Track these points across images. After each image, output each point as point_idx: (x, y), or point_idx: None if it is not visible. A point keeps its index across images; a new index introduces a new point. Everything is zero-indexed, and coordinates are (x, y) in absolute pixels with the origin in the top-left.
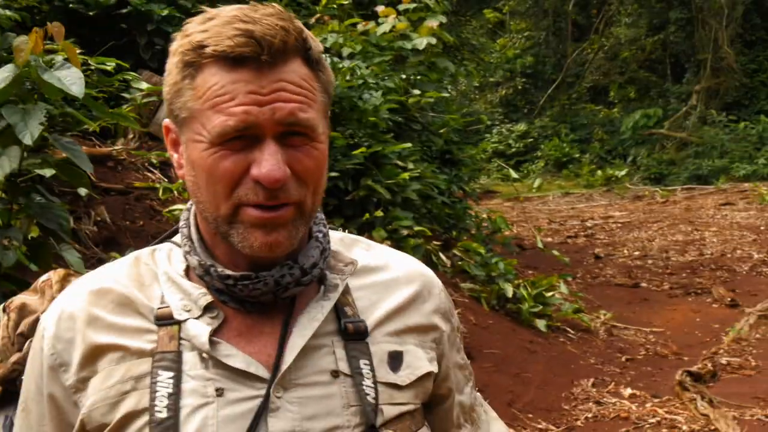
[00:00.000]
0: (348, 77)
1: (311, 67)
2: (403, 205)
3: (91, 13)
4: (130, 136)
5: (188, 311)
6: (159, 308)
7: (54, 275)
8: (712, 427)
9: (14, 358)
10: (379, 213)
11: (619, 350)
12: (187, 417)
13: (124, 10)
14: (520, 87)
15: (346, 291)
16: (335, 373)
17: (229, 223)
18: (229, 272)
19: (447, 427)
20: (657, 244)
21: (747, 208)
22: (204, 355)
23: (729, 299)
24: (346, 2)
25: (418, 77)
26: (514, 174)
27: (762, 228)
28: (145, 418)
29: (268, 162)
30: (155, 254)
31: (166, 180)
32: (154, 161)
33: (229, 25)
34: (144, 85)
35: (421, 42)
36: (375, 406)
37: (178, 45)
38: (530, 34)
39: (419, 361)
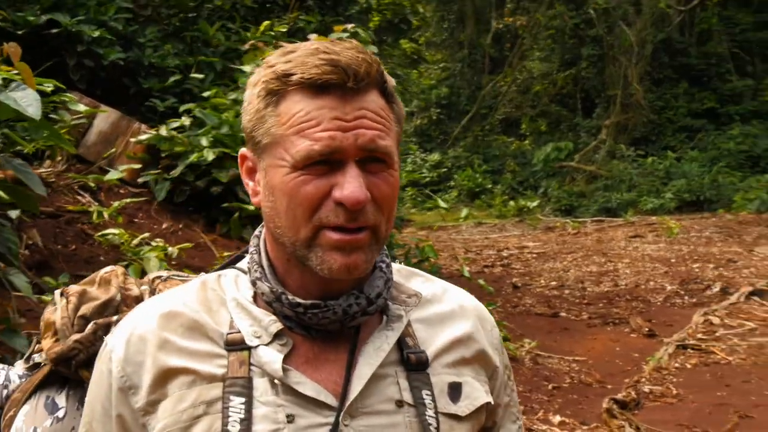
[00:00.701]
0: None
1: (387, 98)
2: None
3: (19, 32)
4: (59, 158)
5: (258, 337)
6: (229, 333)
7: (117, 268)
8: None
9: (75, 337)
10: None
11: (545, 378)
12: None
13: (54, 31)
14: (434, 117)
15: (407, 323)
16: (399, 403)
17: (309, 246)
18: (299, 300)
19: None
20: (572, 275)
21: (656, 240)
22: (276, 381)
23: (646, 329)
24: (282, 30)
25: None
26: (443, 203)
27: (672, 260)
28: None
29: (351, 185)
30: (221, 280)
31: (97, 204)
32: (92, 185)
33: (313, 56)
34: (82, 107)
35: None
36: None
37: (261, 75)
38: (446, 65)
39: (477, 392)
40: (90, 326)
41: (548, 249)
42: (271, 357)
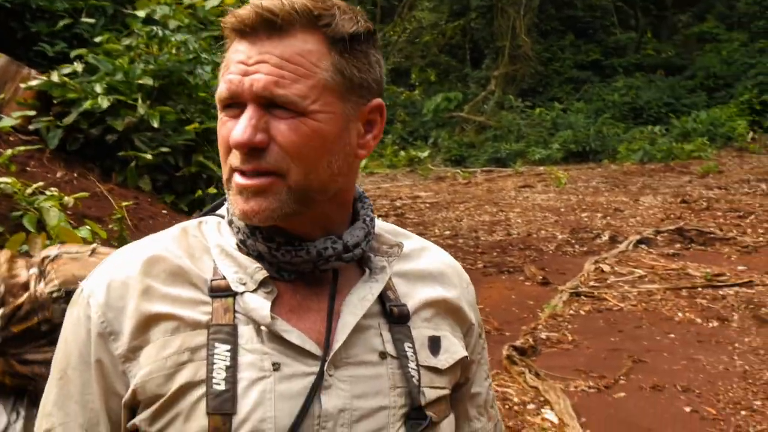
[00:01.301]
0: (174, 51)
1: (327, 44)
2: None
3: None
4: None
5: (243, 284)
6: (214, 280)
7: (1, 254)
8: (542, 399)
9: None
10: (212, 190)
11: None
12: (245, 390)
13: None
14: None
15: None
16: (383, 355)
17: (228, 187)
18: (273, 236)
19: (459, 416)
20: (466, 224)
21: (545, 190)
22: (261, 328)
23: (540, 277)
24: None
25: None
26: None
27: (562, 210)
28: (202, 389)
29: (238, 126)
30: (202, 227)
31: None
32: None
33: (257, 0)
34: None
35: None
36: (418, 388)
37: None
38: None
39: (455, 347)
40: None
41: (441, 199)
42: (259, 304)
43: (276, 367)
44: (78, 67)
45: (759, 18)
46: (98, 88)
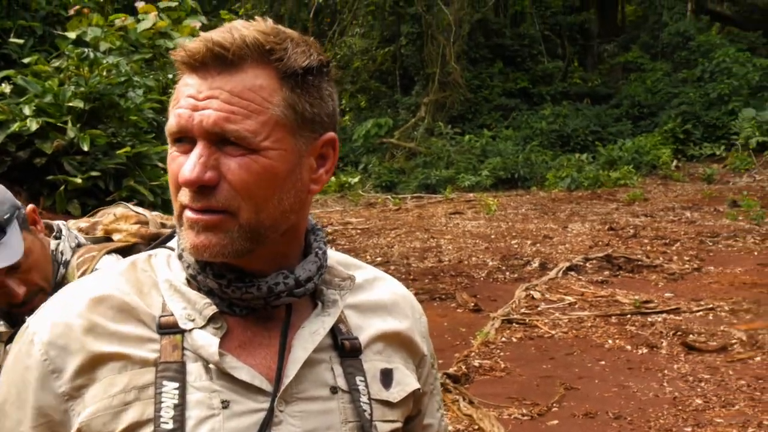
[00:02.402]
0: (105, 73)
1: (279, 80)
2: (165, 208)
3: None
4: None
5: (192, 320)
6: (162, 316)
7: None
8: (476, 427)
9: None
10: None
11: None
12: (193, 429)
13: None
14: None
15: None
16: (334, 389)
17: (179, 223)
18: (224, 272)
19: None
20: (397, 251)
21: (476, 217)
22: (210, 366)
23: (472, 304)
24: None
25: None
26: None
27: (492, 236)
28: (149, 429)
29: (187, 163)
30: (152, 260)
31: None
32: None
33: (207, 34)
34: None
35: (183, 41)
36: (371, 422)
37: None
38: None
39: (408, 379)
40: None
41: (371, 225)
42: (207, 341)
43: (225, 404)
44: (6, 88)
45: (681, 48)
46: (27, 110)
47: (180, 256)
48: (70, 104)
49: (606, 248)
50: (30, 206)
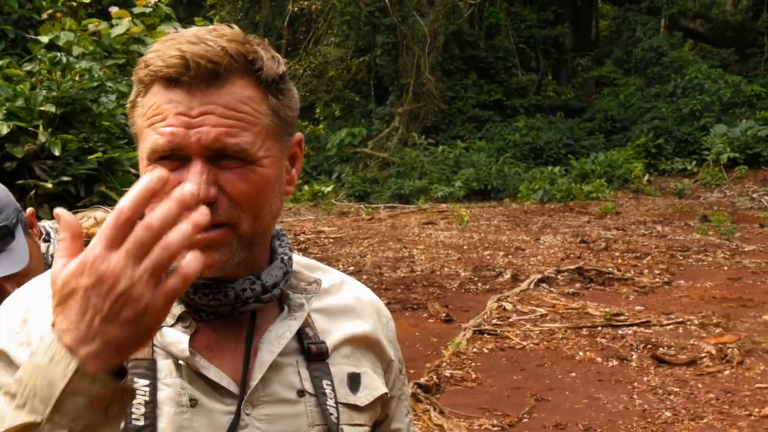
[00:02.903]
0: (78, 78)
1: (262, 89)
2: None
3: None
4: None
5: None
6: None
7: None
8: None
9: None
10: None
11: None
12: (164, 425)
13: None
14: None
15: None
16: (301, 392)
17: None
18: None
19: None
20: (370, 260)
21: (448, 227)
22: (180, 363)
23: (444, 314)
24: (84, 1)
25: None
26: None
27: (465, 247)
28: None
29: (189, 182)
30: None
31: None
32: None
33: (173, 46)
34: None
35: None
36: (337, 425)
37: (138, 63)
38: None
39: (375, 383)
40: None
41: (344, 234)
42: (177, 338)
43: (194, 402)
44: None
45: (654, 64)
46: None
47: None
48: (42, 108)
49: (577, 261)
50: (29, 210)
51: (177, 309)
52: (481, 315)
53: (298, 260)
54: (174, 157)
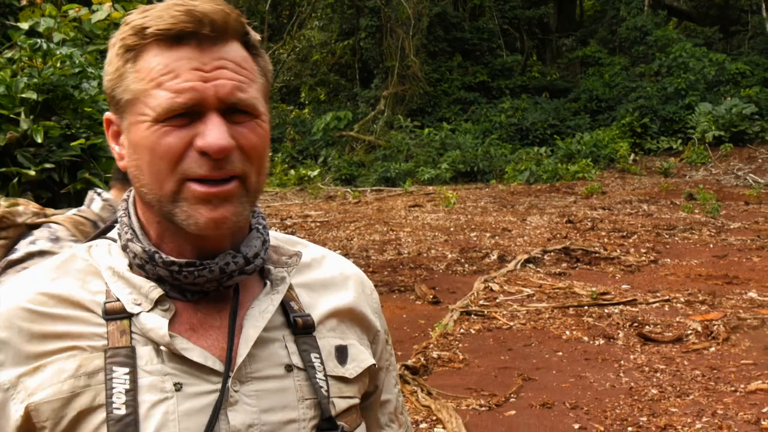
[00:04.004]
0: (59, 64)
1: (249, 51)
2: None
3: None
4: None
5: (138, 305)
6: (107, 302)
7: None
8: (435, 418)
9: None
10: None
11: None
12: (146, 413)
13: None
14: None
15: (290, 287)
16: (289, 367)
17: (174, 201)
18: (174, 258)
19: (370, 424)
20: (356, 243)
21: (435, 210)
22: (161, 348)
23: (431, 296)
24: None
25: None
26: None
27: (451, 229)
28: (102, 414)
29: (214, 132)
30: (92, 250)
31: None
32: None
33: (169, 8)
34: None
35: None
36: (328, 398)
37: (119, 33)
38: None
39: (363, 355)
40: None
41: (331, 218)
42: (156, 323)
43: (178, 387)
44: None
45: (639, 43)
46: None
47: (125, 247)
48: (23, 96)
49: (564, 241)
50: None
51: (155, 293)
52: (468, 296)
53: (278, 236)
54: (186, 114)
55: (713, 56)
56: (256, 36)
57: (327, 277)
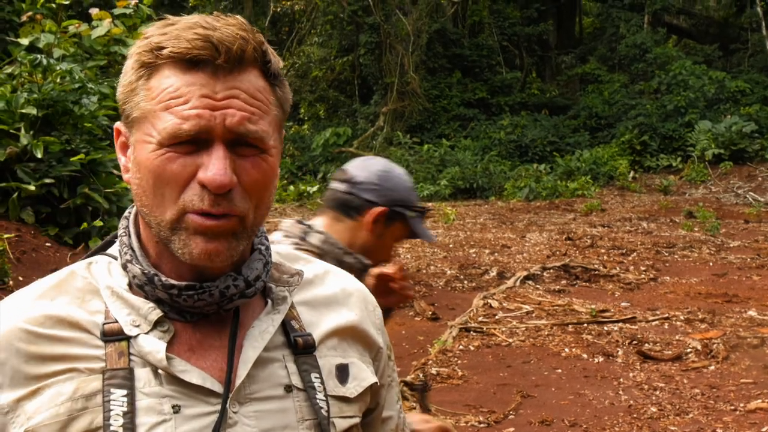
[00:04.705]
0: (59, 80)
1: (268, 80)
2: (120, 215)
3: None
4: None
5: (137, 326)
6: (105, 323)
7: None
8: None
9: None
10: (98, 222)
11: None
12: None
13: None
14: None
15: (291, 305)
16: (288, 388)
17: (172, 229)
18: (173, 282)
19: None
20: None
21: (434, 226)
22: (159, 371)
23: (430, 312)
24: (65, 2)
25: None
26: None
27: (451, 245)
28: None
29: (215, 166)
30: (92, 268)
31: None
32: None
33: (189, 29)
34: None
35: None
36: (328, 419)
37: (136, 47)
38: None
39: (364, 373)
40: None
41: None
42: (154, 346)
43: (176, 409)
44: None
45: (638, 61)
46: None
47: (125, 266)
48: (23, 111)
49: (563, 258)
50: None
51: (153, 314)
52: (468, 313)
53: (279, 251)
54: (192, 141)
55: (713, 74)
56: (278, 63)
57: (329, 294)
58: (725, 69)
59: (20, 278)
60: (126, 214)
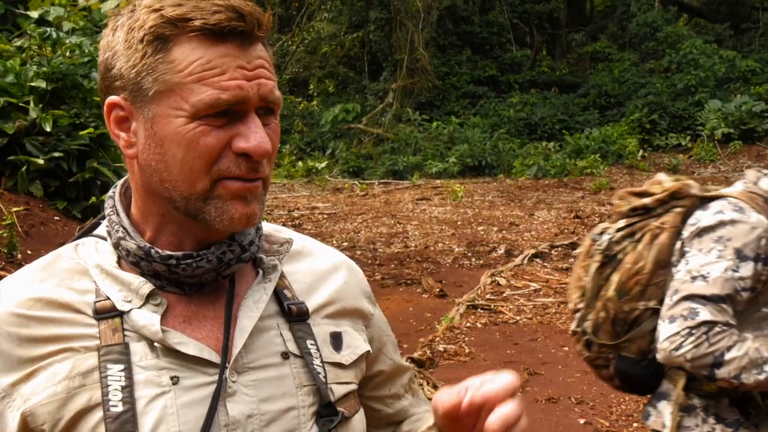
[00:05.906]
0: (68, 54)
1: (268, 50)
2: None
3: None
4: None
5: (129, 302)
6: (97, 301)
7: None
8: None
9: None
10: (106, 197)
11: None
12: (144, 408)
13: None
14: None
15: (282, 275)
16: (285, 355)
17: (205, 199)
18: (170, 252)
19: (383, 397)
20: (363, 236)
21: (442, 203)
22: (155, 344)
23: (438, 290)
24: None
25: None
26: None
27: (459, 223)
28: (99, 413)
29: (258, 134)
30: (79, 249)
31: None
32: None
33: (205, 0)
34: None
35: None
36: (326, 385)
37: (144, 20)
38: None
39: (357, 341)
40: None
41: (338, 210)
42: (148, 319)
43: (175, 380)
44: None
45: (649, 39)
46: None
47: (116, 245)
48: (33, 84)
49: (571, 236)
50: None
51: (145, 288)
52: (475, 290)
53: (266, 225)
54: (226, 113)
55: (723, 53)
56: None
57: (318, 264)
58: (736, 48)
59: (29, 252)
60: (110, 193)
